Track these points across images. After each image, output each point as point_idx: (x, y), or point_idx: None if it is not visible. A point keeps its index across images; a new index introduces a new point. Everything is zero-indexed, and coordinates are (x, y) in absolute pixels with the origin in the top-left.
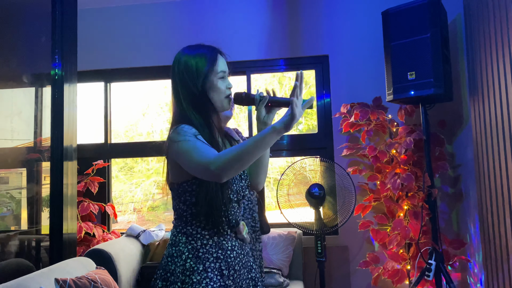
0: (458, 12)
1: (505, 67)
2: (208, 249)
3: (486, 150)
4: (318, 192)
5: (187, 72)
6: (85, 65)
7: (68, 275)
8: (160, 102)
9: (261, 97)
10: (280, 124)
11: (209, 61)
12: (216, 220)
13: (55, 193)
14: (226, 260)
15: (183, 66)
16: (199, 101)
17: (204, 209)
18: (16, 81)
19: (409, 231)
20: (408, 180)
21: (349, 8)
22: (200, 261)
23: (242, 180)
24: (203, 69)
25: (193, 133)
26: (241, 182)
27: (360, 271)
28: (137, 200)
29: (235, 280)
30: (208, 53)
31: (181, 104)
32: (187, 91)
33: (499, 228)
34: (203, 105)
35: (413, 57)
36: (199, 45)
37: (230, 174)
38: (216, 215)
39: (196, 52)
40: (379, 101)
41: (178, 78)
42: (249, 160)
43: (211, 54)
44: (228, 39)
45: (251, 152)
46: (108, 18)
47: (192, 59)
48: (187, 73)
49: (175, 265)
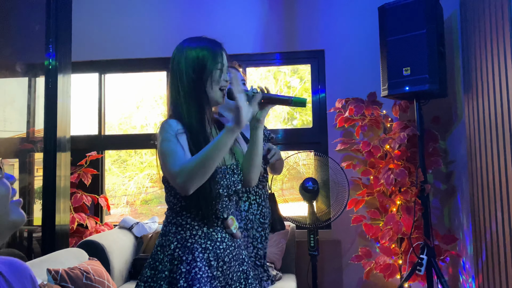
0: (454, 8)
1: (499, 64)
2: (197, 239)
3: (479, 147)
4: (312, 186)
5: (189, 63)
6: (79, 56)
7: (61, 265)
8: (154, 95)
9: (254, 93)
10: (231, 122)
11: (212, 54)
12: (205, 213)
13: (48, 184)
14: (215, 251)
15: (185, 57)
16: (196, 93)
17: (194, 202)
18: (9, 71)
19: (401, 226)
20: (401, 176)
21: (346, 3)
22: (189, 251)
23: (234, 174)
24: (205, 61)
25: (175, 131)
26: (232, 177)
27: (352, 265)
28: (130, 193)
29: (224, 271)
30: (211, 46)
31: (177, 95)
32: (186, 82)
33: (491, 224)
34: (199, 97)
35: (408, 53)
36: (202, 37)
37: (196, 183)
38: (205, 209)
39: (199, 44)
40: (374, 97)
41: (178, 69)
42: (212, 165)
43: (214, 48)
44: (223, 32)
45: (212, 156)
46: (103, 8)
47: (194, 51)
48: (188, 64)
49: (164, 254)
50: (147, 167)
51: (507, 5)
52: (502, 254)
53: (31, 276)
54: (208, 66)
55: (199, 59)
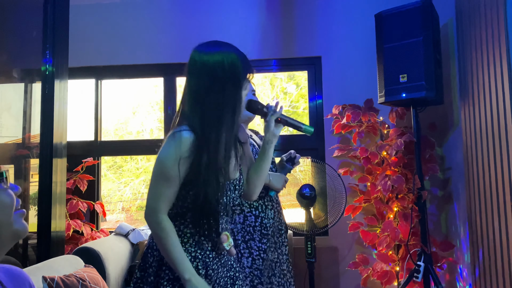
0: (450, 16)
1: (495, 71)
2: (187, 247)
3: (476, 154)
4: (309, 193)
5: (220, 70)
6: (76, 62)
7: (56, 273)
8: (150, 101)
9: (275, 111)
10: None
11: (243, 61)
12: (200, 227)
13: (44, 190)
14: (204, 260)
15: (215, 63)
16: (229, 101)
17: (192, 215)
18: (6, 76)
19: (398, 232)
20: (398, 182)
21: (343, 10)
22: None
23: (235, 191)
24: (239, 68)
25: (182, 153)
26: (233, 193)
27: (350, 272)
28: (126, 199)
29: (212, 278)
30: (239, 53)
31: (196, 103)
32: (215, 88)
33: (488, 231)
34: (232, 107)
35: (405, 60)
36: (227, 43)
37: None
38: (201, 224)
39: (230, 50)
40: (371, 103)
41: (208, 74)
42: (164, 251)
43: (242, 55)
44: (220, 38)
45: (167, 251)
46: (100, 14)
47: (227, 57)
48: (220, 70)
49: (153, 258)
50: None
51: (503, 13)
52: (499, 261)
53: (30, 284)
54: (242, 72)
55: (233, 64)
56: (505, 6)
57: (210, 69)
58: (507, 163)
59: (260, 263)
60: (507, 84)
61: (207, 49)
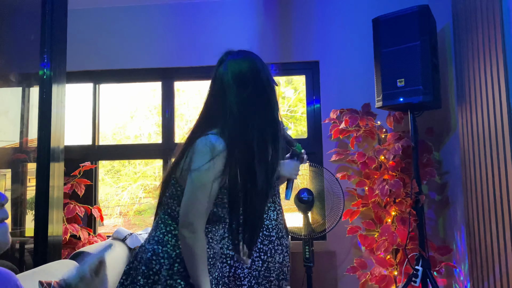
0: (447, 21)
1: (492, 76)
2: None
3: (473, 158)
4: (307, 197)
5: (261, 75)
6: (74, 66)
7: (53, 277)
8: (148, 105)
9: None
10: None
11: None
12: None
13: (41, 194)
14: (221, 270)
15: (249, 70)
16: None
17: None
18: (3, 80)
19: (396, 237)
20: (396, 186)
21: (340, 15)
22: None
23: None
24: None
25: (219, 150)
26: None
27: (348, 277)
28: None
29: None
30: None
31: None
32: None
33: (485, 235)
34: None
35: (402, 65)
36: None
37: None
38: (249, 241)
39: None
40: (368, 108)
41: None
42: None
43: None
44: (218, 42)
45: (194, 266)
46: (98, 19)
47: (263, 66)
48: (261, 75)
49: (160, 266)
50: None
51: (499, 17)
52: (497, 265)
53: (16, 284)
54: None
55: (263, 68)
56: (501, 11)
57: (245, 75)
58: (504, 167)
59: (259, 265)
60: (503, 88)
61: (254, 57)
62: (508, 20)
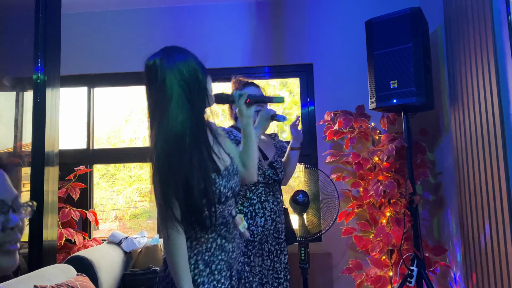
0: (439, 23)
1: (483, 77)
2: (213, 251)
3: (467, 158)
4: (302, 199)
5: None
6: (68, 70)
7: (48, 282)
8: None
9: (241, 95)
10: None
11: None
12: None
13: (36, 199)
14: (229, 261)
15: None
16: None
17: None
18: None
19: (391, 237)
20: (390, 187)
21: (333, 17)
22: (206, 264)
23: (234, 175)
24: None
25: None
26: (233, 179)
27: (343, 278)
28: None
29: (232, 278)
30: (196, 58)
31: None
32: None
33: (479, 235)
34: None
35: (395, 66)
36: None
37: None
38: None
39: (188, 56)
40: (362, 109)
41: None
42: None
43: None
44: (212, 45)
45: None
46: (92, 23)
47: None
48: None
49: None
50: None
51: (490, 19)
52: (491, 264)
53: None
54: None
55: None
56: (492, 12)
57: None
58: (496, 167)
59: (270, 224)
60: (495, 89)
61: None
62: (498, 21)
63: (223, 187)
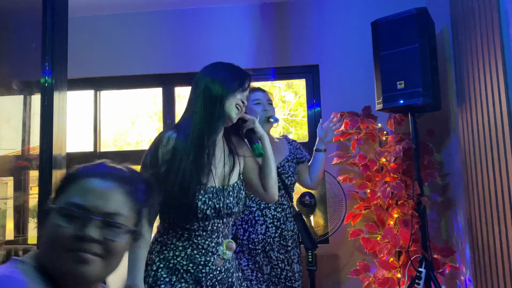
0: (445, 23)
1: (491, 77)
2: (179, 261)
3: (474, 159)
4: (309, 201)
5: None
6: (75, 73)
7: None
8: (149, 111)
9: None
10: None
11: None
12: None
13: (43, 202)
14: (196, 275)
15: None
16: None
17: (181, 217)
18: (5, 88)
19: (399, 239)
20: (397, 189)
21: (339, 18)
22: (171, 272)
23: (230, 197)
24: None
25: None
26: (227, 199)
27: (351, 280)
28: None
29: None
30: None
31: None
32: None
33: (488, 236)
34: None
35: (402, 67)
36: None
37: None
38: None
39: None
40: (369, 110)
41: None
42: None
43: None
44: (218, 48)
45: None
46: (99, 26)
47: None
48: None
49: (146, 273)
50: None
51: (497, 18)
52: (500, 266)
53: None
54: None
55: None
56: (499, 12)
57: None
58: (505, 167)
59: (273, 231)
60: (503, 89)
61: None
62: (506, 20)
63: (201, 202)
